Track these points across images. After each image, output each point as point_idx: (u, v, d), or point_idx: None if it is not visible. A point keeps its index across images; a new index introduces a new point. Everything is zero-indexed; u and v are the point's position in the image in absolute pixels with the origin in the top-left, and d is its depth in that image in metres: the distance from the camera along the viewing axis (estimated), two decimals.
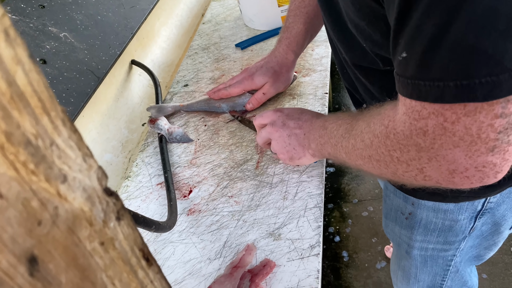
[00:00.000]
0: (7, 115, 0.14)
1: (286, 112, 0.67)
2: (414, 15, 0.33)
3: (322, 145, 0.59)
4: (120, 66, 1.02)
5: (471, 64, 0.32)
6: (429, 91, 0.35)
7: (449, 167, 0.38)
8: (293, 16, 0.78)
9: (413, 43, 0.34)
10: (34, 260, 0.16)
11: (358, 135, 0.49)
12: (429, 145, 0.38)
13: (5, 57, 0.14)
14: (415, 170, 0.42)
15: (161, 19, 1.23)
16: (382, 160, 0.45)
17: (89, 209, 0.19)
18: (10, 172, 0.15)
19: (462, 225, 0.65)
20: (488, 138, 0.35)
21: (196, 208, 0.69)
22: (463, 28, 0.31)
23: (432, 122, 0.36)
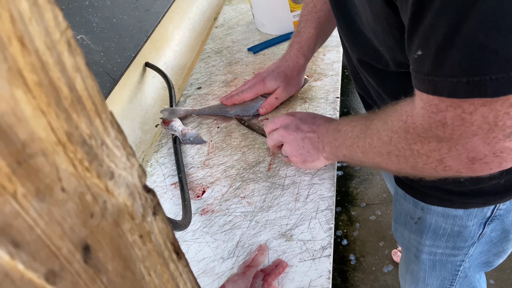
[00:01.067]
0: (68, 117, 0.16)
1: (299, 116, 0.68)
2: (427, 15, 0.35)
3: (336, 147, 0.60)
4: (134, 68, 1.04)
5: (482, 61, 0.34)
6: (443, 87, 0.37)
7: (469, 155, 0.40)
8: (305, 21, 0.80)
9: (428, 41, 0.36)
10: (87, 249, 0.17)
11: (374, 133, 0.51)
12: (449, 136, 0.40)
13: (68, 65, 0.16)
14: (435, 162, 0.44)
15: (174, 22, 1.25)
16: (402, 154, 0.47)
17: (131, 204, 0.20)
18: (70, 169, 0.16)
19: (471, 231, 0.66)
20: (505, 125, 0.37)
21: (209, 208, 0.71)
22: (474, 27, 0.33)
23: (451, 114, 0.39)
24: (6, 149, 0.13)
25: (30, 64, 0.14)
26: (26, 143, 0.14)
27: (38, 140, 0.15)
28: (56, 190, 0.16)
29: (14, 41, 0.14)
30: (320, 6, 0.77)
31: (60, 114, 0.16)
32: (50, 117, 0.15)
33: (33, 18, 0.14)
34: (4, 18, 0.13)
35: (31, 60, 0.14)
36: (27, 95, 0.14)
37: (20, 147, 0.14)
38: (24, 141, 0.14)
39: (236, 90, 0.87)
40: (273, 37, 1.09)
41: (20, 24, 0.14)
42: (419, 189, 0.66)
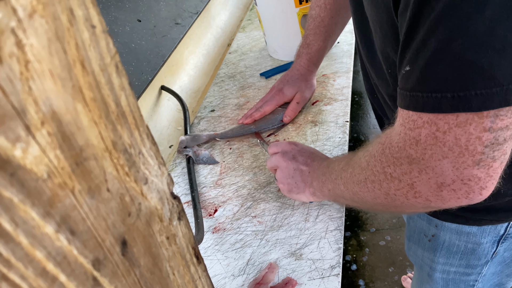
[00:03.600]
0: (114, 128, 0.19)
1: (300, 148, 0.71)
2: (421, 30, 0.37)
3: (323, 182, 0.62)
4: (150, 91, 1.09)
5: (469, 77, 0.35)
6: (427, 102, 0.38)
7: (438, 180, 0.41)
8: (313, 34, 0.87)
9: (417, 56, 0.38)
10: (125, 243, 0.20)
11: (356, 162, 0.53)
12: (420, 156, 0.41)
13: (115, 84, 0.19)
14: (406, 187, 0.44)
15: (190, 48, 1.31)
16: (377, 180, 0.48)
17: (160, 208, 0.23)
18: (114, 172, 0.19)
19: (485, 249, 0.67)
20: (475, 151, 0.38)
21: (221, 226, 0.72)
22: (464, 45, 0.35)
23: (425, 131, 0.40)
24: (68, 152, 0.16)
25: (88, 83, 0.17)
26: (83, 148, 0.17)
27: (92, 146, 0.17)
28: (103, 190, 0.18)
29: (78, 64, 0.17)
30: (327, 22, 0.84)
31: (108, 125, 0.19)
32: (101, 128, 0.18)
33: (91, 45, 0.18)
34: (71, 45, 0.16)
35: (89, 79, 0.17)
36: (85, 108, 0.17)
37: (78, 151, 0.17)
38: (81, 146, 0.17)
39: (254, 108, 0.90)
40: (284, 63, 1.13)
41: (82, 50, 0.17)
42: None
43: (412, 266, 1.49)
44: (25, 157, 0.14)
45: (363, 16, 0.60)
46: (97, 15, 0.18)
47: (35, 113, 0.15)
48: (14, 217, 0.14)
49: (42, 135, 0.15)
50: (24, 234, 0.14)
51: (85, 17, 0.17)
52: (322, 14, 0.83)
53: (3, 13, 0.13)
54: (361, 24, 0.62)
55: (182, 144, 0.90)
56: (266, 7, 1.06)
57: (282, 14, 1.04)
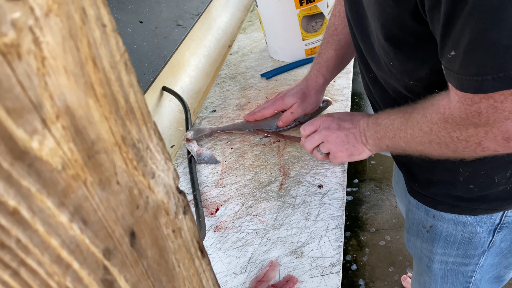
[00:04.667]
0: (123, 124, 0.20)
1: (338, 116, 0.73)
2: (458, 21, 0.41)
3: (379, 139, 0.65)
4: (152, 92, 1.09)
5: (506, 60, 0.40)
6: (470, 85, 0.43)
7: (504, 136, 0.47)
8: (325, 43, 0.85)
9: (458, 44, 0.42)
10: (133, 235, 0.20)
11: (415, 125, 0.57)
12: (485, 122, 0.47)
13: (124, 81, 0.20)
14: (474, 145, 0.50)
15: (191, 49, 1.31)
16: (443, 142, 0.53)
17: (167, 202, 0.24)
18: (123, 166, 0.20)
19: (481, 238, 0.68)
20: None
21: (223, 225, 0.73)
22: (499, 33, 0.39)
23: (484, 104, 0.45)
24: (81, 145, 0.17)
25: (99, 79, 0.18)
26: (94, 141, 0.18)
27: (102, 140, 0.18)
28: (113, 183, 0.19)
29: (89, 61, 0.17)
30: (341, 29, 0.82)
31: (118, 121, 0.19)
32: (111, 123, 0.19)
33: (102, 43, 0.18)
34: (84, 43, 0.17)
35: (100, 76, 0.18)
36: (96, 103, 0.18)
37: (90, 144, 0.17)
38: (93, 140, 0.18)
39: (258, 108, 0.91)
40: (285, 63, 1.14)
41: (94, 48, 0.18)
42: (430, 196, 0.69)
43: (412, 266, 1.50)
44: (41, 149, 0.15)
45: (359, 13, 0.61)
46: (107, 15, 0.19)
47: (50, 107, 0.15)
48: (31, 206, 0.14)
49: (57, 128, 0.16)
50: (40, 222, 0.15)
51: (97, 16, 0.18)
52: (336, 23, 0.82)
53: (22, 12, 0.14)
54: (358, 22, 0.63)
55: (186, 136, 0.91)
56: (267, 8, 1.07)
57: (282, 15, 1.04)
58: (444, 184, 0.65)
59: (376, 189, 1.84)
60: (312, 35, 1.08)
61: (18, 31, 0.14)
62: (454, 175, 0.63)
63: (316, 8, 1.03)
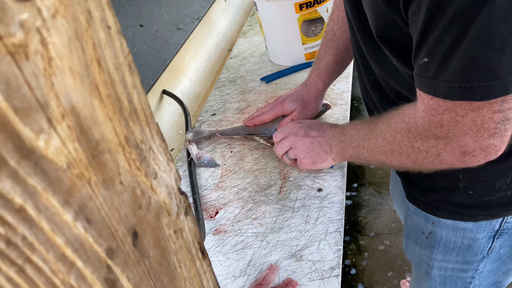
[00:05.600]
0: (127, 124, 0.20)
1: (306, 124, 0.76)
2: (436, 29, 0.42)
3: (343, 149, 0.67)
4: (152, 95, 1.10)
5: (473, 72, 0.41)
6: (441, 89, 0.44)
7: (461, 150, 0.49)
8: (324, 48, 0.85)
9: (435, 51, 0.43)
10: (136, 235, 0.21)
11: (379, 135, 0.58)
12: (445, 134, 0.48)
13: (128, 82, 0.20)
14: (432, 156, 0.52)
15: (191, 53, 1.32)
16: (404, 152, 0.55)
17: (169, 202, 0.24)
18: (126, 166, 0.20)
19: (481, 244, 0.68)
20: (489, 127, 0.45)
21: (222, 228, 0.73)
22: (470, 44, 0.40)
23: (446, 116, 0.46)
24: (86, 145, 0.17)
25: (103, 80, 0.18)
26: (99, 141, 0.18)
27: (106, 141, 0.18)
28: (116, 182, 0.19)
29: (94, 62, 0.18)
30: (339, 35, 0.82)
31: (121, 121, 0.19)
32: (115, 123, 0.19)
33: (107, 44, 0.19)
34: (89, 45, 0.17)
35: (104, 77, 0.18)
36: (101, 104, 0.18)
37: (94, 144, 0.18)
38: (97, 140, 0.18)
39: (258, 112, 0.92)
40: (285, 67, 1.14)
41: (99, 49, 0.18)
42: (429, 202, 0.69)
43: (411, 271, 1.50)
44: (47, 148, 0.15)
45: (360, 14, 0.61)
46: (112, 17, 0.19)
47: (56, 107, 0.16)
48: (37, 204, 0.15)
49: (62, 128, 0.16)
50: (46, 220, 0.15)
51: (102, 18, 0.18)
52: (335, 28, 0.82)
53: (30, 13, 0.14)
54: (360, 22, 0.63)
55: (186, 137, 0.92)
56: (267, 13, 1.07)
57: (282, 20, 1.05)
58: (443, 190, 0.65)
59: (375, 194, 1.84)
60: (312, 39, 1.09)
61: (26, 32, 0.14)
62: (453, 181, 0.63)
63: (316, 12, 1.04)
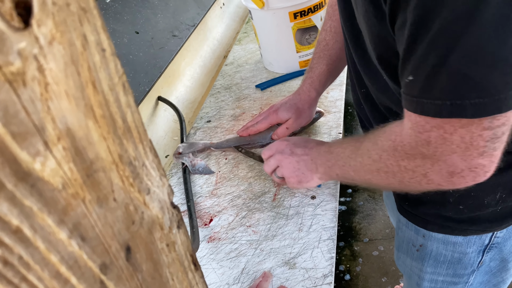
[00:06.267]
0: (121, 143, 0.21)
1: (293, 141, 0.75)
2: (420, 47, 0.42)
3: (329, 167, 0.66)
4: (147, 102, 1.10)
5: (464, 88, 0.40)
6: (430, 108, 0.43)
7: (449, 170, 0.47)
8: (317, 58, 0.86)
9: (419, 68, 0.43)
10: (129, 250, 0.21)
11: (365, 153, 0.57)
12: (432, 153, 0.47)
13: (122, 102, 0.21)
14: (419, 176, 0.50)
15: (187, 59, 1.33)
16: (391, 170, 0.53)
17: (161, 217, 0.24)
18: (120, 183, 0.20)
19: (471, 258, 0.68)
20: (478, 145, 0.44)
21: (216, 236, 0.74)
22: (459, 60, 0.39)
23: (434, 134, 0.45)
24: (81, 165, 0.18)
25: (98, 101, 0.19)
26: (93, 161, 0.18)
27: (101, 159, 0.19)
28: (110, 200, 0.20)
29: (89, 85, 0.18)
30: (332, 45, 0.83)
31: (115, 140, 0.20)
32: (109, 142, 0.20)
33: (102, 67, 0.19)
34: (84, 68, 0.18)
35: (99, 98, 0.19)
36: (95, 124, 0.19)
37: (89, 164, 0.18)
38: (92, 159, 0.18)
39: (252, 122, 0.92)
40: (279, 75, 1.15)
41: (94, 72, 0.19)
42: (420, 216, 0.69)
43: None
44: (43, 170, 0.16)
45: (354, 27, 0.62)
46: (107, 39, 0.20)
47: (52, 130, 0.16)
48: (33, 224, 0.15)
49: (58, 149, 0.16)
50: (41, 240, 0.16)
51: (97, 41, 0.19)
52: (327, 38, 0.83)
53: (28, 42, 0.15)
54: (353, 35, 0.64)
55: (179, 149, 0.91)
56: (262, 21, 1.08)
57: (277, 28, 1.06)
58: (434, 204, 0.65)
59: (369, 199, 1.85)
60: (306, 48, 1.10)
61: (24, 60, 0.15)
62: (444, 195, 0.63)
63: (310, 21, 1.05)
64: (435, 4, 0.39)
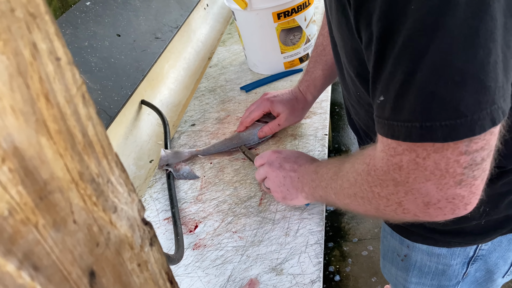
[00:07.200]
0: (81, 159, 0.19)
1: (284, 155, 0.72)
2: (387, 63, 0.38)
3: (314, 188, 0.63)
4: (130, 106, 1.08)
5: (433, 109, 0.36)
6: (400, 131, 0.39)
7: (424, 200, 0.42)
8: (314, 62, 0.85)
9: (388, 88, 0.39)
10: (93, 274, 0.19)
11: (344, 175, 0.53)
12: (405, 179, 0.42)
13: (82, 115, 0.19)
14: (394, 204, 0.45)
15: (170, 61, 1.31)
16: (366, 196, 0.48)
17: (131, 235, 0.23)
18: (81, 203, 0.19)
19: (455, 270, 0.67)
20: (455, 173, 0.39)
21: (202, 242, 0.72)
22: (425, 77, 0.35)
23: (406, 157, 0.40)
24: (32, 187, 0.16)
25: (53, 115, 0.17)
26: (47, 181, 0.17)
27: (57, 179, 0.17)
28: (69, 222, 0.18)
29: (41, 98, 0.17)
30: (328, 50, 0.82)
31: (74, 157, 0.18)
32: (66, 160, 0.18)
33: (56, 77, 0.18)
34: (34, 80, 0.16)
35: (54, 112, 0.17)
36: (49, 141, 0.17)
37: (42, 185, 0.17)
38: (46, 180, 0.17)
39: (245, 114, 0.91)
40: (264, 76, 1.14)
41: (47, 83, 0.17)
42: (404, 227, 0.68)
43: None
44: None
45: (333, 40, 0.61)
46: (62, 47, 0.18)
47: None
48: None
49: (2, 172, 0.15)
50: None
51: (49, 50, 0.17)
52: (325, 43, 0.82)
53: None
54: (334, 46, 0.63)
55: (163, 161, 0.89)
56: (245, 22, 1.07)
57: (260, 29, 1.05)
58: None
59: None
60: (291, 48, 1.09)
61: None
62: None
63: (294, 21, 1.04)
64: (399, 15, 0.35)
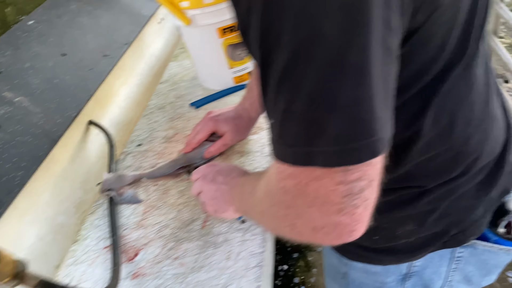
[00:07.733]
0: None
1: (218, 168, 0.72)
2: (270, 90, 0.38)
3: (239, 202, 0.63)
4: (76, 127, 1.04)
5: (313, 135, 0.36)
6: (286, 154, 0.39)
7: (310, 224, 0.41)
8: (256, 78, 0.83)
9: (274, 113, 0.39)
10: None
11: (256, 191, 0.52)
12: (292, 203, 0.41)
13: None
14: (288, 226, 0.44)
15: (121, 79, 1.28)
16: (267, 214, 0.48)
17: None
18: None
19: (391, 287, 0.67)
20: (334, 201, 0.38)
21: (141, 271, 0.70)
22: (305, 105, 0.35)
23: (291, 182, 0.40)
24: None
25: None
26: None
27: None
28: None
29: None
30: None
31: None
32: None
33: None
34: None
35: None
36: None
37: None
38: None
39: (191, 135, 0.89)
40: (215, 92, 1.12)
41: None
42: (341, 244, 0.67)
43: None
44: None
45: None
46: None
47: None
48: None
49: None
50: None
51: None
52: None
53: None
54: None
55: (105, 185, 0.86)
56: (191, 38, 1.06)
57: (207, 45, 1.04)
58: None
59: None
60: (239, 63, 1.08)
61: None
62: None
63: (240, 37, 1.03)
64: (273, 44, 0.35)
